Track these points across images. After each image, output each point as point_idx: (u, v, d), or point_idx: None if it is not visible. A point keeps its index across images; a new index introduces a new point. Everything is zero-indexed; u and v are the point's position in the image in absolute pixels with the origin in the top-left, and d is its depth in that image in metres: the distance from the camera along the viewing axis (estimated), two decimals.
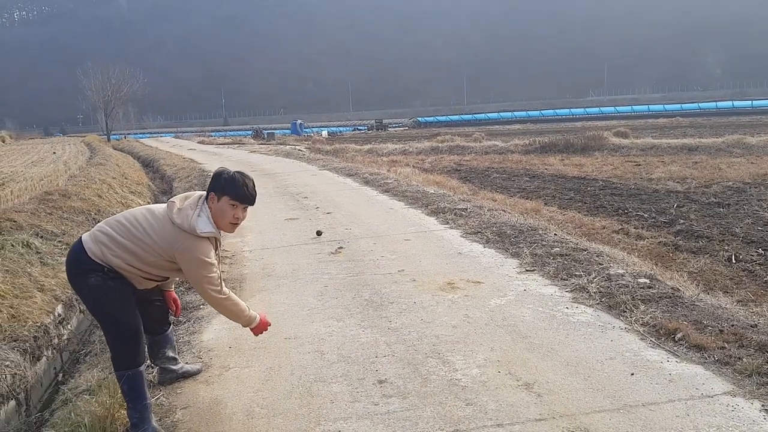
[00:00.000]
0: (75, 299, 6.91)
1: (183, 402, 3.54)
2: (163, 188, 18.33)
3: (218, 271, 3.29)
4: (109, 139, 55.81)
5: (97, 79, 59.92)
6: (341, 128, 74.80)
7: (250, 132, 62.05)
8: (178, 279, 3.98)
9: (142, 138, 60.80)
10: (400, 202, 10.54)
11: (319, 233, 7.97)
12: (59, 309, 6.37)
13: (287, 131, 64.60)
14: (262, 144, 38.47)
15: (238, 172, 3.38)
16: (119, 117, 71.21)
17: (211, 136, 56.82)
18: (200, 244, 3.20)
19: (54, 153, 32.42)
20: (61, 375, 5.53)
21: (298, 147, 32.19)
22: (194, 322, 4.87)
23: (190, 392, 3.65)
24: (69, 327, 6.40)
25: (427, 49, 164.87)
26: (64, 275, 7.06)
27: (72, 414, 3.39)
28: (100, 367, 4.25)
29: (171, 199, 3.36)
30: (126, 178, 17.52)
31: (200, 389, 3.67)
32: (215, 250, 3.33)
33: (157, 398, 3.56)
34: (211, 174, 3.49)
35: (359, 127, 75.25)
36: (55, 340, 5.93)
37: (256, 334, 3.53)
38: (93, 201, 11.54)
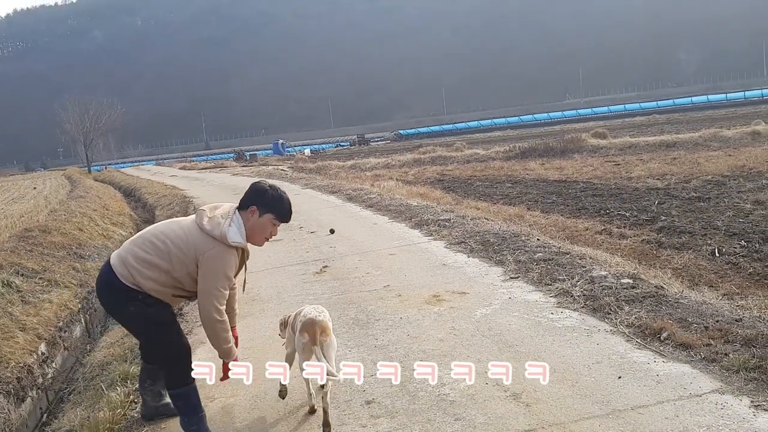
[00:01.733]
0: (59, 337, 6.82)
1: None
2: (145, 217, 18.20)
3: (226, 293, 3.23)
4: (89, 171, 55.42)
5: (75, 112, 59.60)
6: (324, 145, 74.95)
7: (232, 155, 61.92)
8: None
9: (123, 167, 60.50)
10: (384, 216, 10.51)
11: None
12: (42, 348, 6.27)
13: (270, 152, 64.55)
14: (244, 166, 38.36)
15: (277, 188, 3.37)
16: (99, 148, 70.88)
17: (193, 161, 56.67)
18: (227, 254, 3.18)
19: (34, 188, 32.11)
20: (46, 415, 5.44)
21: (280, 167, 32.17)
22: None
23: (175, 426, 3.57)
24: (53, 365, 6.31)
25: (406, 62, 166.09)
26: (46, 313, 6.98)
27: None
28: (83, 405, 4.18)
29: (201, 208, 3.33)
30: (107, 210, 17.38)
31: None
32: (242, 263, 3.33)
33: None
34: (187, 197, 3.46)
35: (342, 143, 75.51)
36: (40, 380, 5.84)
37: (225, 373, 3.36)
38: (74, 235, 11.42)
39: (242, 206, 3.31)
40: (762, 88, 69.46)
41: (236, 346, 3.55)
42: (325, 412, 3.14)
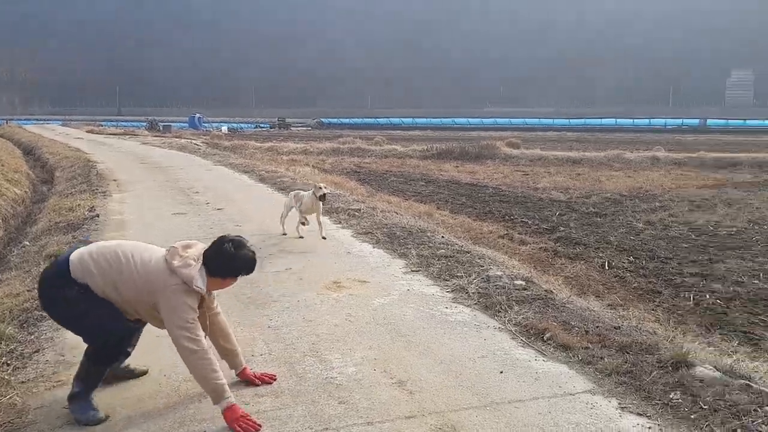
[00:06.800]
0: None
1: (37, 402, 3.31)
2: (44, 177, 17.23)
3: (198, 323, 3.13)
4: None
5: None
6: (243, 125, 73.22)
7: (144, 124, 59.50)
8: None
9: (26, 124, 56.63)
10: None
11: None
12: None
13: (185, 125, 62.45)
14: (156, 136, 36.95)
15: (241, 244, 3.24)
16: (3, 102, 66.30)
17: (102, 125, 53.85)
18: (189, 293, 3.09)
19: None
20: None
21: (194, 141, 31.19)
22: None
23: (48, 393, 3.41)
24: None
25: (334, 50, 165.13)
26: None
27: None
28: None
29: (173, 245, 3.24)
30: (2, 165, 16.26)
31: (57, 392, 3.44)
32: (200, 307, 3.22)
33: (10, 397, 3.31)
34: (91, 162, 3.28)
35: (262, 125, 74.18)
36: None
37: (232, 426, 3.01)
38: None
39: (210, 273, 3.19)
40: (666, 117, 74.14)
41: (258, 383, 3.47)
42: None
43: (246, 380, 3.49)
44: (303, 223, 7.36)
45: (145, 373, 3.64)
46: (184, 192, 11.40)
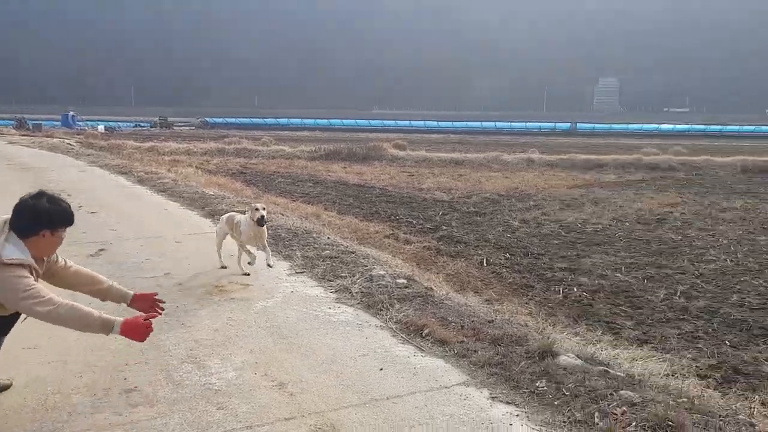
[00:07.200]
0: None
1: None
2: None
3: (38, 284, 2.93)
4: None
5: None
6: (121, 123, 69.56)
7: (12, 122, 55.14)
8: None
9: None
10: (176, 202, 10.11)
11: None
12: None
13: (58, 123, 58.52)
14: (24, 135, 34.42)
15: (44, 197, 3.06)
16: None
17: None
18: (7, 268, 2.86)
19: None
20: None
21: (67, 140, 29.33)
22: None
23: None
24: None
25: (221, 48, 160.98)
26: None
27: None
28: None
29: None
30: None
31: None
32: (34, 278, 2.98)
33: None
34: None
35: (141, 124, 70.93)
36: None
37: (138, 339, 3.05)
38: None
39: (20, 235, 2.98)
40: (540, 121, 78.70)
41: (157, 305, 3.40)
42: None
43: (141, 306, 3.39)
44: (250, 263, 5.78)
45: (8, 387, 3.43)
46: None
